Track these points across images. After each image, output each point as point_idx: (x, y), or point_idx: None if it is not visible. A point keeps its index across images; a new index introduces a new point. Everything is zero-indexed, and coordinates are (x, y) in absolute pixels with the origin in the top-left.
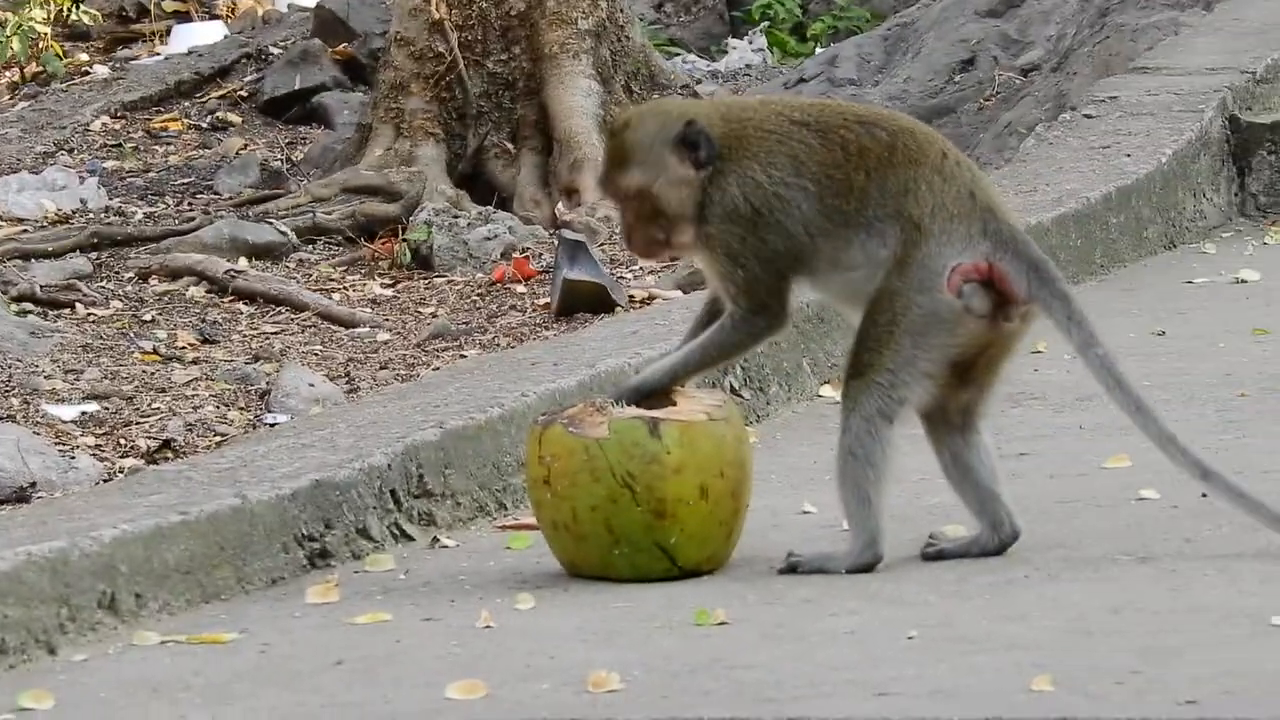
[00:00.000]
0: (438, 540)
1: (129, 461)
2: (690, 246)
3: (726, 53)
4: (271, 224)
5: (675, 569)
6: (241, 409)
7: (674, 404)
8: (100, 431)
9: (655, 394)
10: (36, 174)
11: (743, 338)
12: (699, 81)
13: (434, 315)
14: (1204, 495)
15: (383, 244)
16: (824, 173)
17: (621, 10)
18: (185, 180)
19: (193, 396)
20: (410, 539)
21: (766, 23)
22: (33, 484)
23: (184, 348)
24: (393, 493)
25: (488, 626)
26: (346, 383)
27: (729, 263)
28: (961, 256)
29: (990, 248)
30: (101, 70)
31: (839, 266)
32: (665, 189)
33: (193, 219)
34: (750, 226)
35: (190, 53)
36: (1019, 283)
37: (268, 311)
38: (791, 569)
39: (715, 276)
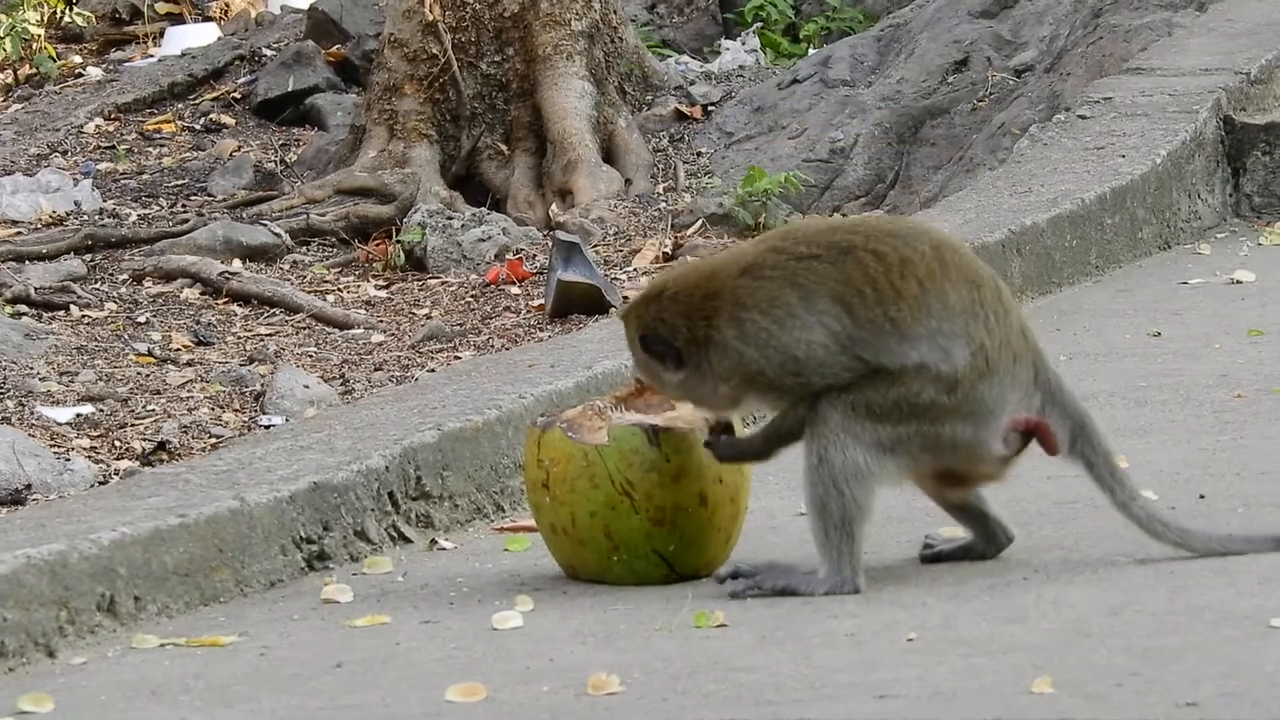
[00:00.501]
0: (436, 542)
1: (124, 463)
2: (740, 400)
3: (719, 54)
4: (265, 226)
5: (673, 575)
6: (236, 411)
7: (673, 408)
8: (95, 433)
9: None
10: (30, 176)
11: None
12: (692, 83)
13: (428, 317)
14: (1201, 497)
15: (376, 245)
16: (851, 291)
17: (614, 12)
18: (179, 182)
19: (187, 398)
20: (408, 541)
21: (759, 24)
22: (28, 486)
23: (178, 349)
24: (391, 495)
25: (490, 629)
26: (341, 384)
27: (794, 384)
28: (1020, 406)
29: (1040, 401)
30: (95, 72)
31: (879, 371)
32: (670, 389)
33: (187, 221)
34: (775, 360)
35: (184, 55)
36: (1063, 440)
37: (262, 313)
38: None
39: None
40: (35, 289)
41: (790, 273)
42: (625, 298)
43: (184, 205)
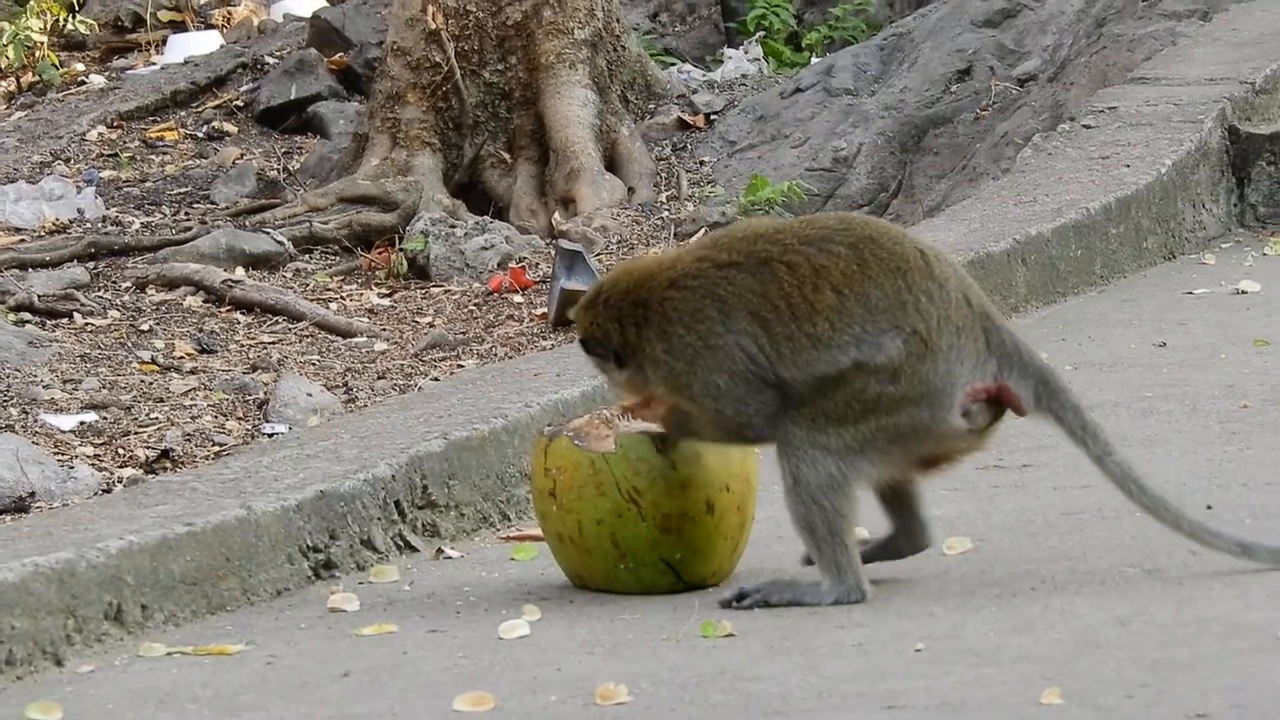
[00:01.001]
0: (442, 551)
1: (128, 471)
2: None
3: (722, 62)
4: (268, 234)
5: (680, 584)
6: (240, 419)
7: None
8: (99, 441)
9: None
10: (34, 184)
11: (728, 438)
12: (695, 91)
13: (431, 325)
14: (1209, 507)
15: (379, 253)
16: (767, 306)
17: (617, 20)
18: (182, 190)
19: (191, 406)
20: (415, 550)
21: (762, 32)
22: (31, 494)
23: (182, 357)
24: (397, 504)
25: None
26: (344, 392)
27: (699, 411)
28: (973, 377)
29: (997, 365)
30: (98, 80)
31: (823, 379)
32: (622, 387)
33: (190, 229)
34: (699, 379)
35: (186, 62)
36: (1027, 399)
37: (265, 321)
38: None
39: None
40: (38, 296)
41: (712, 283)
42: None
43: (187, 213)
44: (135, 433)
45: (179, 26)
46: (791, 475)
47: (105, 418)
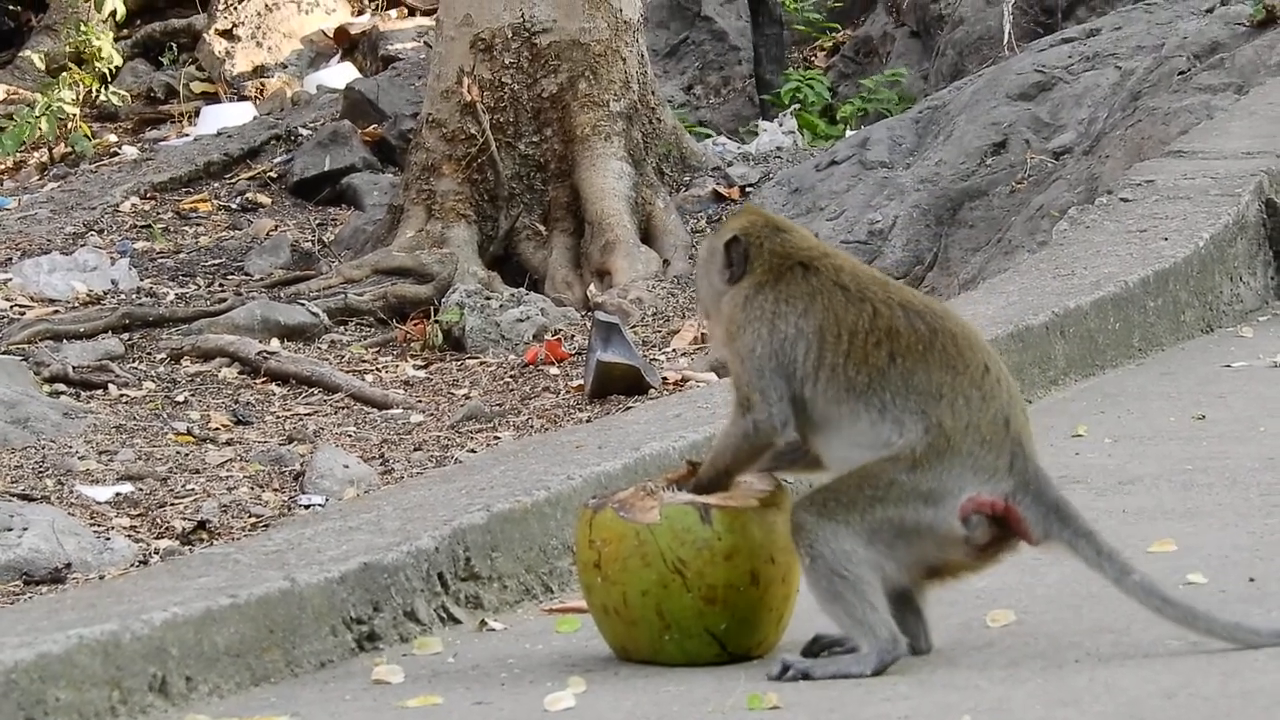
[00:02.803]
0: (485, 623)
1: (164, 543)
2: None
3: (757, 135)
4: (303, 305)
5: (725, 655)
6: (276, 490)
7: (726, 489)
8: (135, 512)
9: (715, 489)
10: (67, 255)
11: (735, 439)
12: (730, 164)
13: (467, 397)
14: (1251, 580)
15: (415, 325)
16: (834, 331)
17: (652, 93)
18: (216, 261)
19: (227, 478)
20: (458, 622)
21: (796, 105)
22: (68, 565)
23: (217, 429)
24: (440, 575)
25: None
26: (381, 464)
27: (731, 361)
28: (982, 489)
29: (1012, 487)
30: (131, 151)
31: (838, 430)
32: (707, 295)
33: (224, 300)
34: (741, 330)
35: (219, 134)
36: (1036, 527)
37: (300, 393)
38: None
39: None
40: (73, 368)
41: (821, 285)
42: (664, 379)
43: (221, 284)
44: (171, 504)
45: (212, 98)
46: (809, 557)
47: (141, 489)
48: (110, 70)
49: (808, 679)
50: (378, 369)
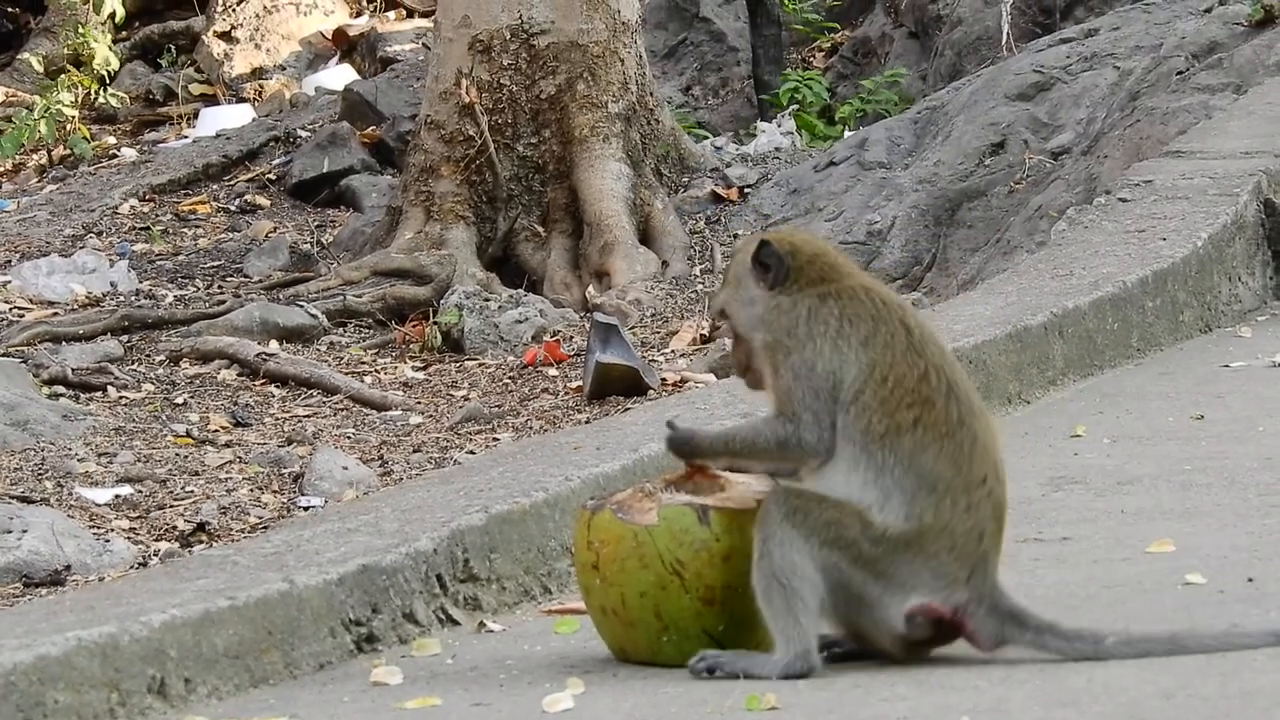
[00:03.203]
0: (484, 625)
1: (163, 544)
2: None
3: (755, 135)
4: (302, 307)
5: None
6: (275, 492)
7: (723, 489)
8: (134, 514)
9: (698, 457)
10: (66, 257)
11: (768, 440)
12: (728, 165)
13: (466, 398)
14: (1250, 580)
15: (413, 327)
16: (883, 373)
17: (651, 94)
18: (215, 263)
19: (226, 479)
20: (456, 623)
21: (795, 106)
22: (67, 567)
23: (216, 430)
24: (439, 577)
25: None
26: (380, 465)
27: (775, 375)
28: (935, 595)
29: (965, 598)
30: (129, 153)
31: (833, 465)
32: (736, 305)
33: (223, 302)
34: (802, 345)
35: (218, 136)
36: (987, 637)
37: (299, 394)
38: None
39: (770, 390)
40: (72, 370)
41: (886, 319)
42: (663, 380)
43: (220, 286)
44: (170, 506)
45: (210, 100)
46: (760, 548)
47: (140, 491)
48: (109, 72)
49: (713, 673)
50: (376, 370)
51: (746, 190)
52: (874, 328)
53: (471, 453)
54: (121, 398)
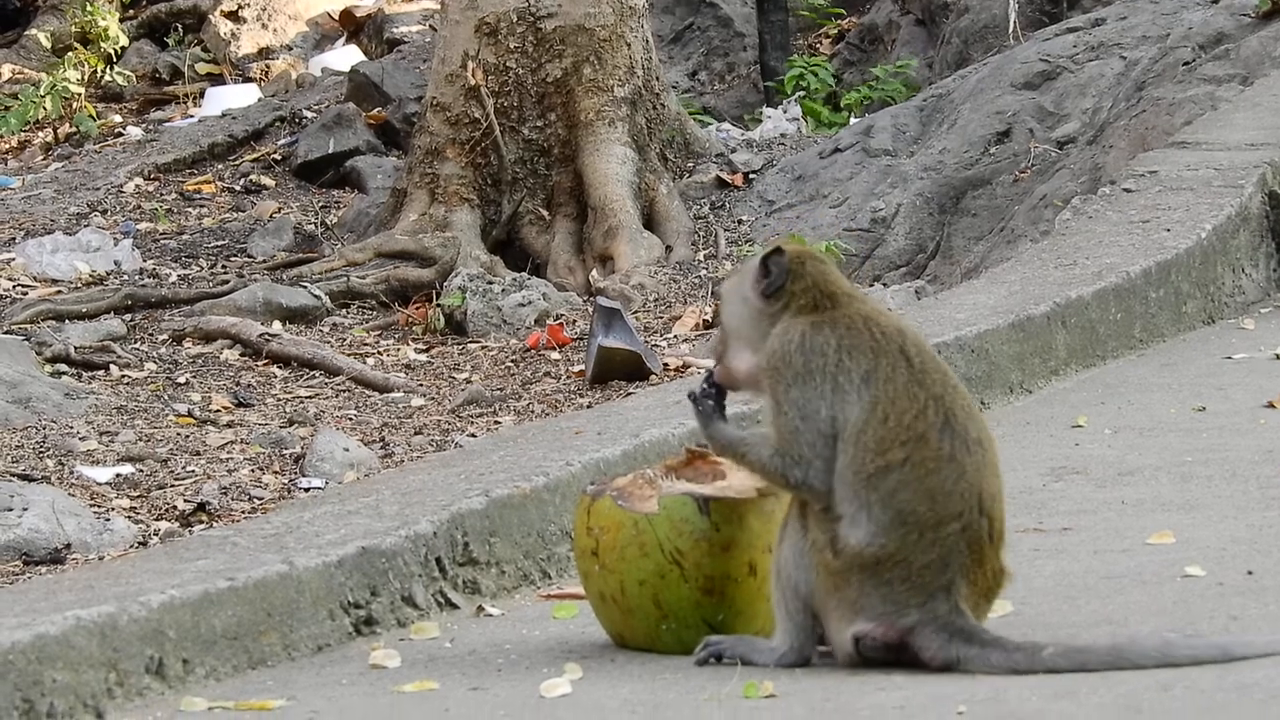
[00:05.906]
0: (483, 609)
1: (164, 524)
2: (749, 379)
3: (761, 122)
4: (305, 288)
5: None
6: (276, 473)
7: (723, 477)
8: (135, 494)
9: (708, 442)
10: (70, 235)
11: (766, 467)
12: (733, 150)
13: (468, 381)
14: (1250, 573)
15: (417, 309)
16: (884, 413)
17: (657, 78)
18: (219, 243)
19: (227, 460)
20: (455, 607)
21: (801, 92)
22: (67, 545)
23: (218, 411)
24: (438, 560)
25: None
26: (381, 447)
27: (776, 409)
28: (883, 619)
29: (915, 621)
30: (135, 132)
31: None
32: (735, 313)
33: (226, 282)
34: (800, 380)
35: (224, 115)
36: (935, 655)
37: (301, 375)
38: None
39: (771, 423)
40: (75, 348)
41: (888, 350)
42: (665, 365)
43: (224, 266)
44: (171, 486)
45: (217, 79)
46: (778, 535)
47: (141, 470)
48: (116, 51)
49: (720, 659)
50: (379, 352)
51: (751, 176)
52: (874, 361)
53: (473, 436)
54: (124, 377)
